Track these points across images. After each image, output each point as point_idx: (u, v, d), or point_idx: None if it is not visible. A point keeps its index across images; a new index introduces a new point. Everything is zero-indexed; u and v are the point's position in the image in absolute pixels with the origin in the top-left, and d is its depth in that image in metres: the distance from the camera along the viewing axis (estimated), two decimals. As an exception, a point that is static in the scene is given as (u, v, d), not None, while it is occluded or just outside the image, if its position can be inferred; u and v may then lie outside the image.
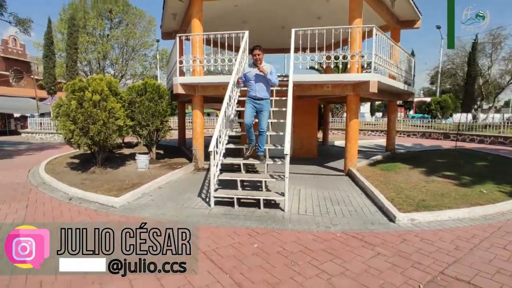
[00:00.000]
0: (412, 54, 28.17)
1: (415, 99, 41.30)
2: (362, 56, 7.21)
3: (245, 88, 5.51)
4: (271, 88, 6.40)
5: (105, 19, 23.97)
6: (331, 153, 11.37)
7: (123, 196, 4.90)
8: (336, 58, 7.15)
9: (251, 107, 5.19)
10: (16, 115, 25.41)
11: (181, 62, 7.66)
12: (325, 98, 10.80)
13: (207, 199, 4.84)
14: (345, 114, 33.98)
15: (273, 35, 12.22)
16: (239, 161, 5.23)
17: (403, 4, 8.66)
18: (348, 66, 7.30)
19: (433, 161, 8.84)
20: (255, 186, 5.40)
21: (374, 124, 24.36)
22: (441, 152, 11.00)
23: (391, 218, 4.14)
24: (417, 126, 20.72)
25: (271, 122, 5.96)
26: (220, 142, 5.03)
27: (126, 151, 10.25)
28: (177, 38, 7.75)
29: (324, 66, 11.38)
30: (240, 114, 7.10)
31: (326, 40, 6.85)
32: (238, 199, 4.65)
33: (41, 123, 18.56)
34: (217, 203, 4.71)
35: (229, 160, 5.37)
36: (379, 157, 9.57)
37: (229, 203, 4.68)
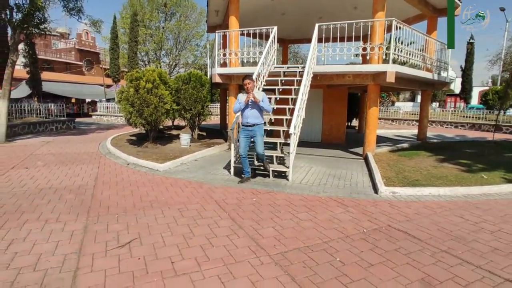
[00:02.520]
0: (471, 39, 26.12)
1: (481, 88, 37.82)
2: (383, 48, 7.64)
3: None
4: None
5: (160, 12, 26.26)
6: (361, 140, 11.77)
7: (165, 163, 6.29)
8: (357, 49, 7.72)
9: (245, 136, 5.33)
10: (88, 100, 29.27)
11: (218, 55, 8.83)
12: (361, 87, 11.16)
13: (229, 169, 6.00)
14: (392, 104, 32.53)
15: (311, 26, 12.76)
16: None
17: (436, -9, 8.70)
18: (368, 57, 7.82)
19: (458, 150, 8.94)
20: (271, 161, 6.41)
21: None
22: (476, 143, 10.82)
23: (376, 191, 4.89)
24: (466, 117, 19.64)
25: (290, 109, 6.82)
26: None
27: (175, 132, 11.89)
28: (216, 34, 8.93)
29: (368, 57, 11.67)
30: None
31: (362, 31, 7.40)
32: (253, 169, 5.74)
33: (107, 107, 21.51)
34: (237, 173, 5.84)
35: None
36: (405, 145, 9.87)
37: (246, 172, 5.77)
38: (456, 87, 36.80)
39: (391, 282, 2.42)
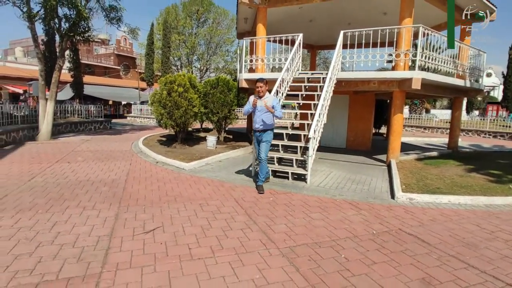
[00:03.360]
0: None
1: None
2: (409, 54, 7.57)
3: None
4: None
5: (193, 20, 27.38)
6: (387, 147, 11.58)
7: (191, 163, 6.69)
8: (382, 56, 7.73)
9: (256, 140, 5.34)
10: (124, 102, 30.98)
11: (245, 61, 9.18)
12: (389, 93, 10.98)
13: (251, 170, 6.26)
14: (426, 111, 31.25)
15: (339, 32, 12.78)
16: (278, 142, 6.48)
17: (466, -4, 8.46)
18: (393, 63, 7.78)
19: (491, 161, 8.58)
20: (291, 164, 6.59)
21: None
22: (512, 154, 10.29)
23: (393, 196, 4.92)
24: (506, 126, 18.51)
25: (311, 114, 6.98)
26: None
27: (203, 134, 12.40)
28: (244, 41, 9.29)
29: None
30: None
31: (389, 37, 7.42)
32: (274, 171, 5.96)
33: (141, 109, 22.71)
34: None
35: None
36: (433, 153, 9.64)
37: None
38: (499, 94, 34.57)
39: (391, 279, 2.54)
